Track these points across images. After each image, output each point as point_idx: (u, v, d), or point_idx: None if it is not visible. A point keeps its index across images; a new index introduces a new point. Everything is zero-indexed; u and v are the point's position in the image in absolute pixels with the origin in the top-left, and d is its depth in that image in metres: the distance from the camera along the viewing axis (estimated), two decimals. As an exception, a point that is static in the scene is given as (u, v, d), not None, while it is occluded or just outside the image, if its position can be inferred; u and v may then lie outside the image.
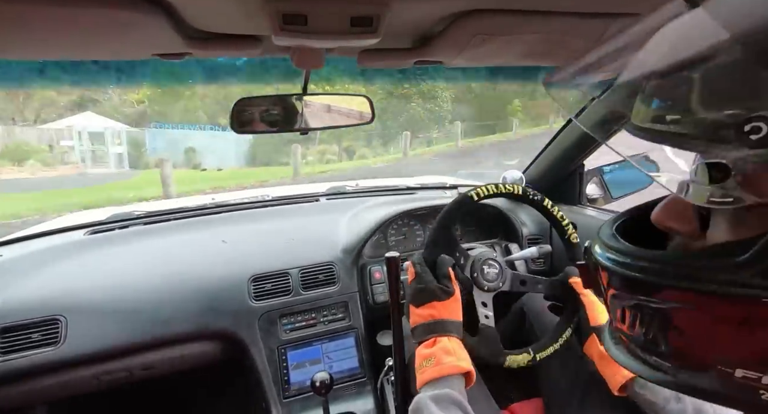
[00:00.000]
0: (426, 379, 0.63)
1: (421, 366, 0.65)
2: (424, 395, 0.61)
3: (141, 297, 1.05)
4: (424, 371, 0.64)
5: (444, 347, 0.66)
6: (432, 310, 0.69)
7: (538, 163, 1.43)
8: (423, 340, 0.68)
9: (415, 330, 0.70)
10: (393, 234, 1.36)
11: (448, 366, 0.64)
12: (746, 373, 0.27)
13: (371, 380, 1.11)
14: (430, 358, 0.65)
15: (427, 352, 0.65)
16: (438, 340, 0.67)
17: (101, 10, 0.46)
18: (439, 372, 0.63)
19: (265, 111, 0.93)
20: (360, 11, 0.49)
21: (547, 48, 0.66)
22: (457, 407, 0.60)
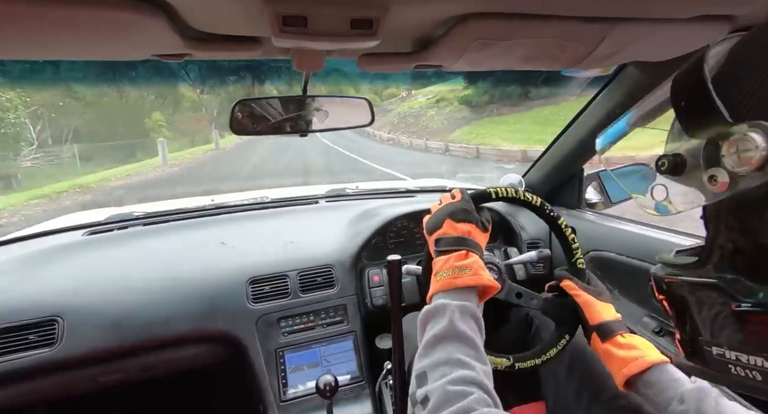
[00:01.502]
0: (459, 284, 0.61)
1: (453, 272, 0.63)
2: (450, 302, 0.59)
3: (139, 298, 1.04)
4: (457, 277, 0.62)
5: (479, 261, 0.65)
6: (471, 228, 0.68)
7: (538, 167, 1.43)
8: (451, 250, 0.66)
9: (444, 239, 0.68)
10: (392, 237, 1.35)
11: (487, 278, 0.63)
12: None
13: (369, 384, 1.10)
14: (467, 267, 0.63)
15: (463, 262, 0.63)
16: (471, 254, 0.65)
17: (101, 11, 0.46)
18: (477, 281, 0.61)
19: (265, 112, 0.93)
20: (360, 13, 0.49)
21: (548, 52, 0.66)
22: (477, 323, 0.59)
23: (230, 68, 22.45)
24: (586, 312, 0.77)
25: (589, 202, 1.38)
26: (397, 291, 0.77)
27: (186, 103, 25.30)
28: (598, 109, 1.11)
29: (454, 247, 0.66)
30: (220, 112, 25.45)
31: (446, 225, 0.70)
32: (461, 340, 0.55)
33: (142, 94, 22.66)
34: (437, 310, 0.59)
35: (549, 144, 1.35)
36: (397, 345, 0.78)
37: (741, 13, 0.59)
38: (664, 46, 0.70)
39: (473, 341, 0.56)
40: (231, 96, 25.27)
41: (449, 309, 0.58)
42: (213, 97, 25.92)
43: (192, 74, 22.90)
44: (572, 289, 0.79)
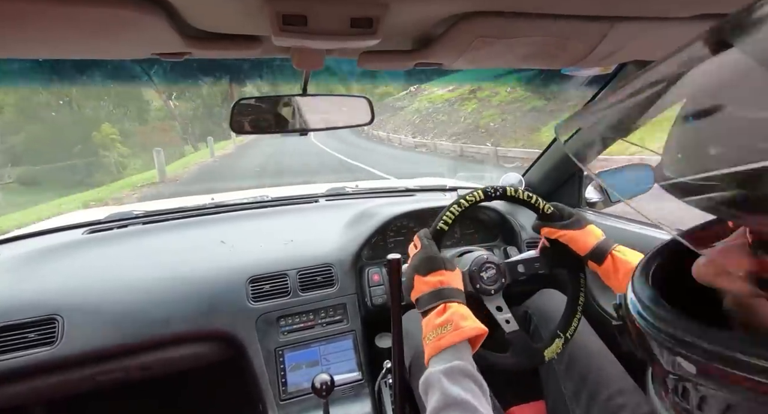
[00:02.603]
0: (444, 345, 0.62)
1: (435, 333, 0.64)
2: (435, 370, 0.60)
3: (139, 297, 1.04)
4: (441, 338, 0.63)
5: (458, 312, 0.65)
6: (441, 276, 0.69)
7: (538, 166, 1.43)
8: (430, 309, 0.67)
9: (421, 299, 0.69)
10: (392, 236, 1.35)
11: (469, 329, 0.63)
12: None
13: (369, 383, 1.10)
14: (446, 324, 0.63)
15: (441, 319, 0.64)
16: (449, 305, 0.66)
17: (101, 9, 0.46)
18: (460, 335, 0.62)
19: (264, 112, 0.93)
20: (360, 12, 0.49)
21: (548, 51, 0.66)
22: (469, 379, 0.59)
23: (202, 67, 19.34)
24: (573, 246, 0.81)
25: (589, 201, 1.38)
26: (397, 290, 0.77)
27: (156, 111, 22.12)
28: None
29: (431, 304, 0.68)
30: (194, 120, 22.85)
31: (417, 282, 0.71)
32: (456, 407, 0.56)
33: (99, 103, 19.46)
34: (428, 382, 0.61)
35: (549, 143, 1.35)
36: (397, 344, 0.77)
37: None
38: (664, 45, 0.70)
39: (467, 403, 0.56)
40: (206, 101, 22.90)
41: (436, 378, 0.59)
42: (185, 103, 23.17)
43: (156, 76, 19.18)
44: (552, 233, 0.83)
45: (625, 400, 0.79)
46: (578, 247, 0.79)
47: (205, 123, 22.89)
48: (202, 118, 23.26)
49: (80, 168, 14.57)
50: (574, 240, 0.80)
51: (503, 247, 1.35)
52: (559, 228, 0.81)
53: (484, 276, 0.82)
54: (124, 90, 19.38)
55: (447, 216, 0.79)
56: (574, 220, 0.81)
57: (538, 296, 1.08)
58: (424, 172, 9.01)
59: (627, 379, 0.84)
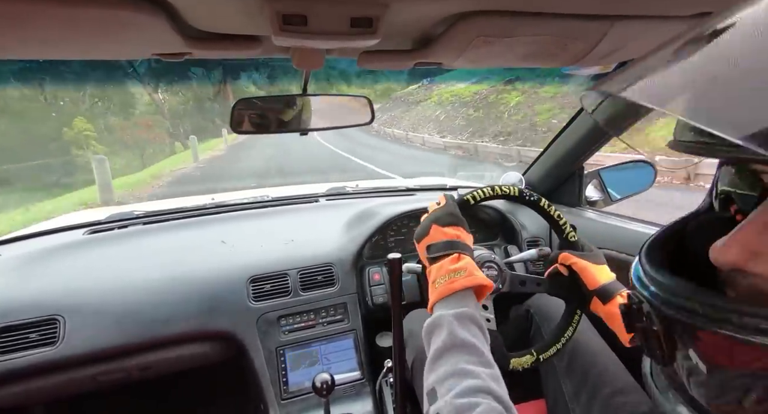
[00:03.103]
0: (457, 287, 0.63)
1: (449, 277, 0.64)
2: (446, 313, 0.60)
3: (139, 297, 1.04)
4: (454, 281, 0.63)
5: (471, 262, 0.66)
6: (459, 231, 0.70)
7: (538, 165, 1.43)
8: (442, 255, 0.67)
9: (434, 245, 0.69)
10: (392, 235, 1.35)
11: (481, 277, 0.64)
12: None
13: (370, 382, 1.10)
14: (461, 270, 0.64)
15: (456, 265, 0.65)
16: (463, 256, 0.67)
17: (101, 10, 0.46)
18: (473, 281, 0.63)
19: (265, 111, 0.93)
20: (360, 12, 0.49)
21: (548, 50, 0.66)
22: (476, 326, 0.60)
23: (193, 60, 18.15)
24: (583, 277, 0.79)
25: (590, 200, 1.38)
26: (398, 289, 0.78)
27: (146, 106, 19.85)
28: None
29: (444, 251, 0.67)
30: (183, 115, 20.67)
31: (433, 231, 0.71)
32: (463, 349, 0.56)
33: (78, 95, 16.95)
34: (436, 323, 0.61)
35: (549, 142, 1.35)
36: (398, 343, 0.78)
37: None
38: (665, 43, 0.70)
39: (475, 347, 0.57)
40: (197, 94, 20.99)
41: (446, 319, 0.59)
42: (174, 97, 21.01)
43: (142, 68, 17.25)
44: (568, 259, 0.81)
45: (626, 398, 0.79)
46: (588, 279, 0.78)
47: (196, 118, 21.38)
48: (192, 114, 21.67)
49: (56, 167, 12.95)
50: (586, 271, 0.78)
51: (503, 246, 1.35)
52: (576, 255, 0.81)
53: (485, 272, 0.82)
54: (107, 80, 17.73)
55: (478, 192, 0.79)
56: (593, 254, 0.81)
57: (540, 296, 1.08)
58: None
59: (628, 377, 0.84)
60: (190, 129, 20.23)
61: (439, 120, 13.78)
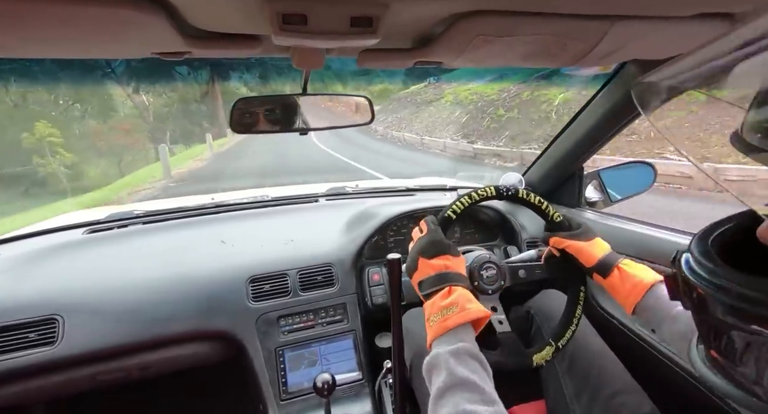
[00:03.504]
0: (450, 325, 0.62)
1: (441, 314, 0.64)
2: (442, 351, 0.60)
3: (139, 297, 1.04)
4: (447, 319, 0.63)
5: (463, 295, 0.65)
6: (446, 261, 0.70)
7: (538, 166, 1.43)
8: (435, 291, 0.67)
9: (425, 281, 0.69)
10: (392, 235, 1.35)
11: (475, 310, 0.63)
12: None
13: (369, 383, 1.10)
14: (452, 306, 0.64)
15: (447, 301, 0.65)
16: (454, 288, 0.66)
17: (101, 9, 0.46)
18: (466, 317, 0.62)
19: (265, 111, 0.93)
20: (360, 11, 0.49)
21: (548, 50, 0.66)
22: (475, 360, 0.60)
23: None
24: (580, 258, 0.80)
25: (589, 200, 1.38)
26: (397, 289, 0.77)
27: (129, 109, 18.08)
28: (598, 107, 1.11)
29: (435, 287, 0.67)
30: (168, 119, 18.97)
31: (421, 265, 0.71)
32: (464, 387, 0.56)
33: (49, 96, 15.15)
34: (434, 362, 0.61)
35: (549, 142, 1.35)
36: (397, 344, 0.78)
37: (741, 10, 0.59)
38: (665, 44, 0.70)
39: (475, 384, 0.56)
40: (182, 95, 19.35)
41: (443, 358, 0.59)
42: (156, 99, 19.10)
43: (120, 68, 15.34)
44: (560, 243, 0.82)
45: (626, 399, 0.79)
46: (585, 258, 0.79)
47: (181, 122, 19.91)
48: (177, 117, 19.92)
49: (27, 176, 11.63)
50: (581, 251, 0.79)
51: (503, 247, 1.35)
52: (567, 238, 0.81)
53: (484, 275, 0.82)
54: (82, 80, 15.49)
55: (456, 205, 0.79)
56: (581, 232, 0.81)
57: (540, 296, 1.08)
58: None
59: (628, 378, 0.84)
60: (177, 133, 19.12)
61: (460, 122, 11.78)
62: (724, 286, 0.29)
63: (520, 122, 10.18)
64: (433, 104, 14.86)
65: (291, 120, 0.94)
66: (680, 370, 0.90)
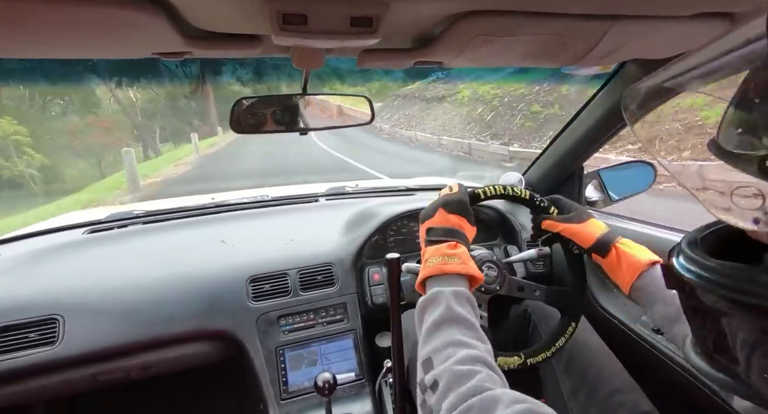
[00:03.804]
0: (448, 270, 0.63)
1: (442, 259, 0.64)
2: (444, 289, 0.60)
3: (139, 297, 1.04)
4: (446, 264, 0.63)
5: (466, 253, 0.66)
6: (462, 222, 0.70)
7: (538, 165, 1.43)
8: (442, 240, 0.67)
9: (436, 229, 0.69)
10: (392, 235, 1.35)
11: (474, 269, 0.64)
12: None
13: (369, 382, 1.10)
14: (455, 256, 0.64)
15: (452, 251, 0.65)
16: (460, 246, 0.67)
17: (101, 9, 0.46)
18: (465, 270, 0.63)
19: (265, 111, 0.93)
20: (360, 11, 0.49)
21: (548, 49, 0.66)
22: (471, 307, 0.60)
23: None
24: (576, 240, 0.79)
25: (589, 200, 1.38)
26: (397, 289, 0.78)
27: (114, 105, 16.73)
28: (598, 106, 1.11)
29: (444, 237, 0.67)
30: (155, 117, 17.98)
31: (439, 214, 0.71)
32: (460, 323, 0.56)
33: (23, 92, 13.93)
34: (433, 298, 0.61)
35: (549, 142, 1.35)
36: (397, 343, 0.78)
37: (740, 10, 0.59)
38: (665, 43, 0.70)
39: (471, 323, 0.57)
40: (171, 92, 17.98)
41: (444, 295, 0.60)
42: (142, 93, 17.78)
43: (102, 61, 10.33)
44: (554, 226, 0.81)
45: (624, 397, 0.79)
46: (581, 240, 0.79)
47: (170, 119, 18.81)
48: (165, 114, 18.75)
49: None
50: (576, 233, 0.79)
51: (503, 246, 1.35)
52: (561, 221, 0.80)
53: (484, 271, 0.82)
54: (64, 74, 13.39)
55: (490, 189, 0.79)
56: (575, 215, 0.81)
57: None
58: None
59: (626, 377, 0.84)
60: (167, 131, 18.33)
61: (483, 120, 10.31)
62: (703, 275, 0.31)
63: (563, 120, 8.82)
64: (447, 100, 13.09)
65: (291, 120, 0.94)
66: (679, 369, 0.90)
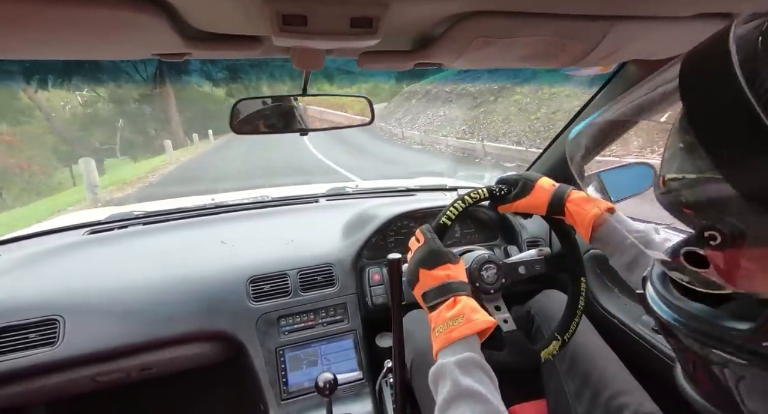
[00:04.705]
0: (455, 337, 0.62)
1: (447, 326, 0.63)
2: (448, 361, 0.60)
3: (139, 298, 1.04)
4: (452, 330, 0.62)
5: (468, 305, 0.65)
6: (447, 270, 0.69)
7: (537, 166, 1.43)
8: (439, 303, 0.66)
9: (429, 293, 0.68)
10: (392, 235, 1.35)
11: (481, 321, 0.62)
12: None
13: (369, 382, 1.10)
14: (458, 317, 0.63)
15: (453, 312, 0.64)
16: (459, 298, 0.65)
17: (101, 10, 0.46)
18: (472, 328, 0.62)
19: (265, 111, 0.93)
20: (360, 12, 0.49)
21: (548, 50, 0.66)
22: (481, 370, 0.59)
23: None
24: (532, 211, 0.83)
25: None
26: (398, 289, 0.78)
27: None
28: (597, 107, 1.11)
29: (439, 298, 0.67)
30: (93, 126, 13.29)
31: (422, 276, 0.70)
32: (469, 398, 0.55)
33: None
34: (440, 373, 0.60)
35: (549, 143, 1.35)
36: (398, 343, 0.78)
37: (740, 10, 0.59)
38: (665, 44, 0.70)
39: (480, 395, 0.56)
40: (117, 94, 14.23)
41: (449, 368, 0.59)
42: (73, 96, 13.71)
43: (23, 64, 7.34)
44: (509, 209, 0.84)
45: (628, 399, 0.79)
46: (536, 210, 0.81)
47: (122, 131, 13.80)
48: (106, 122, 14.10)
49: None
50: (528, 206, 0.81)
51: (503, 247, 1.35)
52: (511, 200, 0.82)
53: (485, 275, 0.82)
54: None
55: (450, 211, 0.79)
56: (520, 188, 0.82)
57: (540, 296, 1.08)
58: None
59: (629, 378, 0.84)
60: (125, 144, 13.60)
61: (535, 128, 8.37)
62: (671, 314, 0.34)
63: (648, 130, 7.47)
64: (499, 102, 10.43)
65: (291, 120, 0.94)
66: None
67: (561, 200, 0.77)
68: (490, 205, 0.87)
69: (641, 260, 0.67)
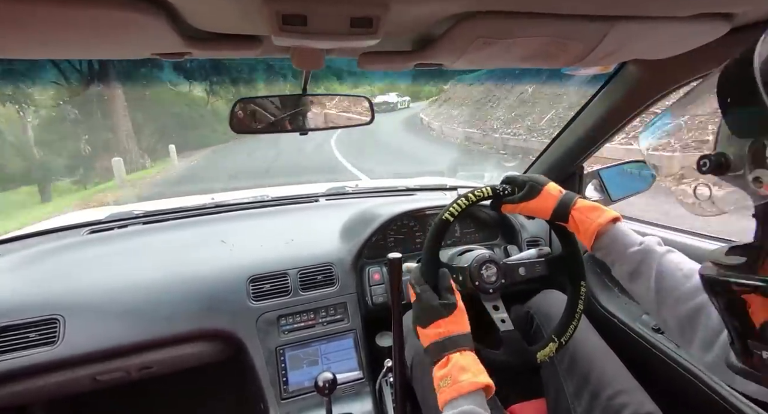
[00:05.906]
0: (446, 399, 0.62)
1: (438, 387, 0.64)
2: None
3: (139, 297, 1.05)
4: (443, 392, 0.63)
5: (457, 364, 0.65)
6: (438, 328, 0.68)
7: (538, 165, 1.43)
8: (437, 360, 0.67)
9: (428, 351, 0.69)
10: (392, 235, 1.35)
11: (466, 384, 0.62)
12: None
13: (370, 382, 1.10)
14: (446, 378, 0.63)
15: (442, 372, 0.65)
16: (450, 358, 0.66)
17: (101, 10, 0.46)
18: (458, 391, 0.62)
19: (265, 111, 0.93)
20: (360, 12, 0.49)
21: (549, 51, 0.66)
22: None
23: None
24: (536, 215, 0.81)
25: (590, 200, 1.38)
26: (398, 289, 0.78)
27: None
28: (598, 107, 1.11)
29: (435, 358, 0.67)
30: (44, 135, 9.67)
31: (420, 335, 0.71)
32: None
33: None
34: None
35: (549, 142, 1.35)
36: (398, 343, 0.78)
37: (740, 11, 0.59)
38: (665, 44, 0.70)
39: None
40: (59, 94, 10.41)
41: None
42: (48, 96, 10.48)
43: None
44: (512, 209, 0.83)
45: (627, 399, 0.79)
46: (540, 214, 0.80)
47: (72, 144, 10.58)
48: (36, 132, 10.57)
49: None
50: (533, 209, 0.80)
51: (504, 246, 1.35)
52: (517, 202, 0.81)
53: (484, 274, 0.82)
54: None
55: (454, 208, 0.79)
56: (527, 190, 0.81)
57: (540, 297, 1.08)
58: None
59: (629, 378, 0.84)
60: (72, 161, 9.96)
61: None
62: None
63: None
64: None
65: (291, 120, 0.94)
66: (681, 370, 0.91)
67: (567, 208, 0.76)
68: (492, 205, 0.86)
69: (643, 270, 0.66)
